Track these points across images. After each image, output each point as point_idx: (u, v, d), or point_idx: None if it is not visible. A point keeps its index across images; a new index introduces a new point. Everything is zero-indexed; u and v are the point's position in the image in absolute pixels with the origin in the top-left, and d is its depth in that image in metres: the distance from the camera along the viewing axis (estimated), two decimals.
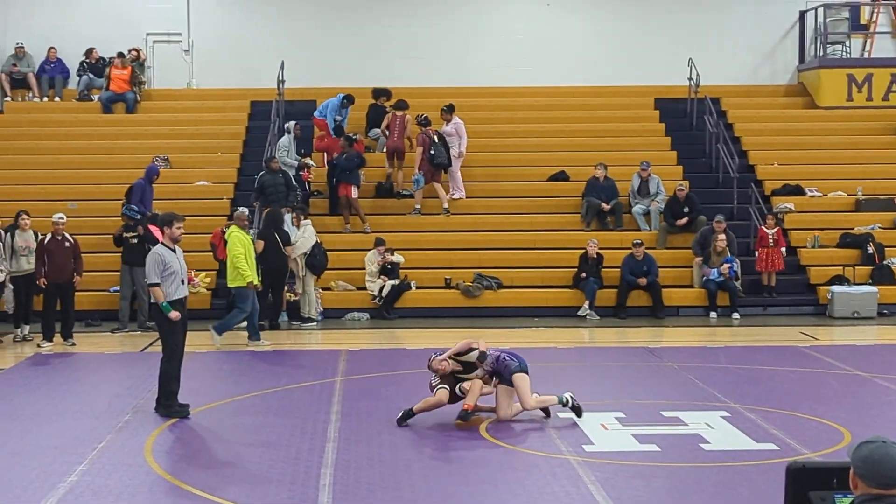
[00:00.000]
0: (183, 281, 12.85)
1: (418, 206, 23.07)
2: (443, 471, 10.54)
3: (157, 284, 12.59)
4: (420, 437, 11.78)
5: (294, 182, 22.11)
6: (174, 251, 12.86)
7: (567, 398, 12.46)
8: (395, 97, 24.89)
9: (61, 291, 18.12)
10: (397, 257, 21.26)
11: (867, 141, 25.87)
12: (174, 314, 12.64)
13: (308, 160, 23.16)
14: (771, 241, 21.58)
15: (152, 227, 19.99)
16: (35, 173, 24.11)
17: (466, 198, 23.68)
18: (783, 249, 21.78)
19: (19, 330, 18.69)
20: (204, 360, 16.79)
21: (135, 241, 19.48)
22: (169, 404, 12.71)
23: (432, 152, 22.82)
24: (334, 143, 23.12)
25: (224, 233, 19.91)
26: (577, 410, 12.34)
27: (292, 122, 23.63)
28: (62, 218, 18.31)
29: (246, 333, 18.22)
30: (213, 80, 27.33)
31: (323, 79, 26.55)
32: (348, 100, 24.41)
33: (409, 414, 12.16)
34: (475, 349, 12.34)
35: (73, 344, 17.97)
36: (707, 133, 25.25)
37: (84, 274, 19.01)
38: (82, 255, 18.79)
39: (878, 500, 4.46)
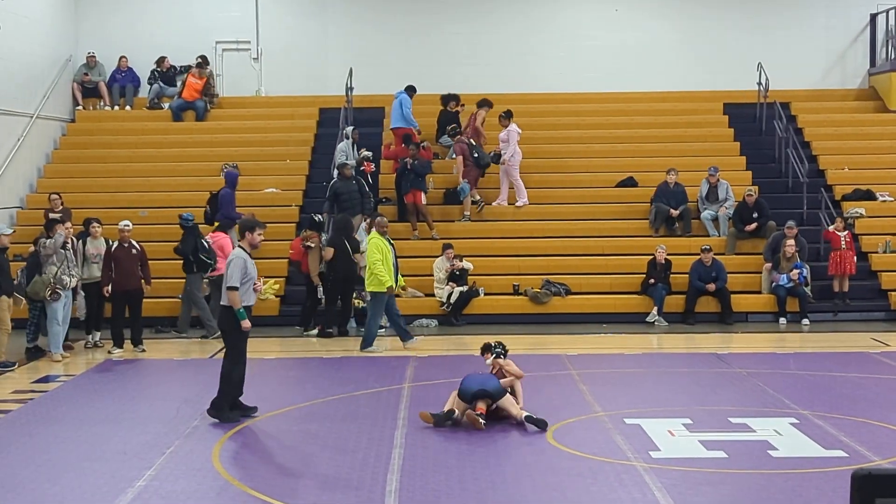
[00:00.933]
0: (255, 288, 12.88)
1: (468, 213, 23.13)
2: (509, 477, 10.52)
3: (235, 289, 12.50)
4: (486, 443, 11.78)
5: (367, 188, 22.21)
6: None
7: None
8: (462, 103, 24.94)
9: (129, 299, 18.33)
10: (466, 264, 21.28)
11: None
12: (246, 324, 12.64)
13: (366, 152, 23.10)
14: (843, 244, 21.33)
15: (219, 234, 20.22)
16: (106, 181, 24.44)
17: (535, 204, 23.65)
18: (854, 256, 21.51)
19: (90, 336, 18.96)
20: (271, 367, 16.91)
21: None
22: (220, 407, 12.71)
23: (475, 155, 22.93)
24: (403, 151, 23.18)
25: (303, 245, 20.12)
26: (539, 423, 12.24)
27: (350, 128, 23.73)
28: (128, 225, 18.51)
29: (316, 339, 18.32)
30: (281, 88, 27.57)
31: (390, 86, 26.60)
32: (411, 90, 24.35)
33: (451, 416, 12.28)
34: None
35: (143, 350, 18.20)
36: (776, 138, 25.03)
37: (153, 281, 19.23)
38: (151, 262, 18.99)
39: None
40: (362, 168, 22.90)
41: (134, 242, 18.45)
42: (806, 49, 27.63)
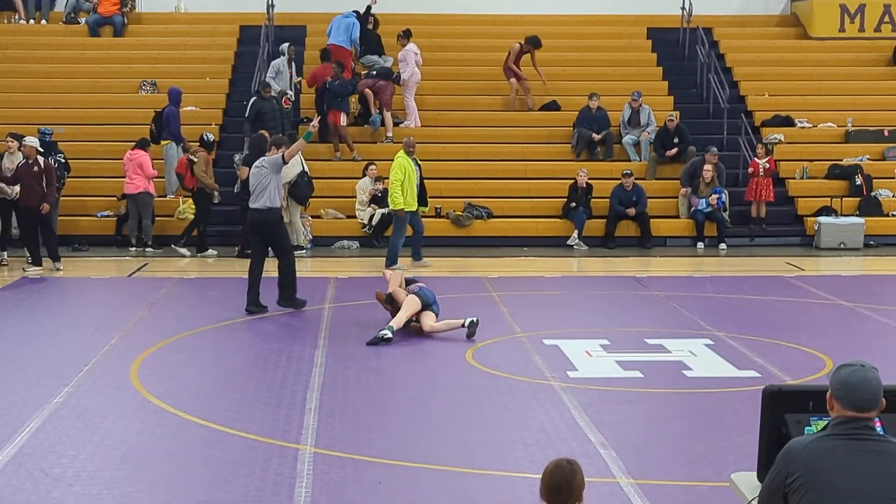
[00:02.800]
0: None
1: (390, 135, 22.96)
2: (428, 394, 10.61)
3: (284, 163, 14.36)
4: (406, 363, 11.84)
5: (283, 109, 22.02)
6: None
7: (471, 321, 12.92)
8: (384, 23, 24.69)
9: (33, 216, 17.87)
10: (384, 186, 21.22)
11: (858, 72, 25.78)
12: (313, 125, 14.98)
13: (288, 93, 22.77)
14: (761, 170, 21.56)
15: (138, 152, 19.94)
16: (20, 97, 23.95)
17: (457, 126, 23.60)
18: (772, 180, 21.76)
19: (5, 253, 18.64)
20: (191, 286, 16.81)
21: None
22: (291, 297, 14.35)
23: (374, 72, 22.98)
24: (326, 70, 22.89)
25: (189, 162, 19.88)
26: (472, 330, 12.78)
27: (286, 44, 23.39)
28: (32, 141, 18.03)
29: (236, 258, 18.20)
30: (201, 4, 27.08)
31: (312, 4, 26.29)
32: (363, 13, 23.98)
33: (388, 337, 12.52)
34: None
35: (60, 269, 17.88)
36: (699, 63, 25.14)
37: (72, 199, 18.99)
38: (68, 179, 18.70)
39: (852, 422, 4.50)
40: (283, 101, 22.60)
41: (40, 160, 17.89)
42: None
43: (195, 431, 9.29)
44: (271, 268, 14.73)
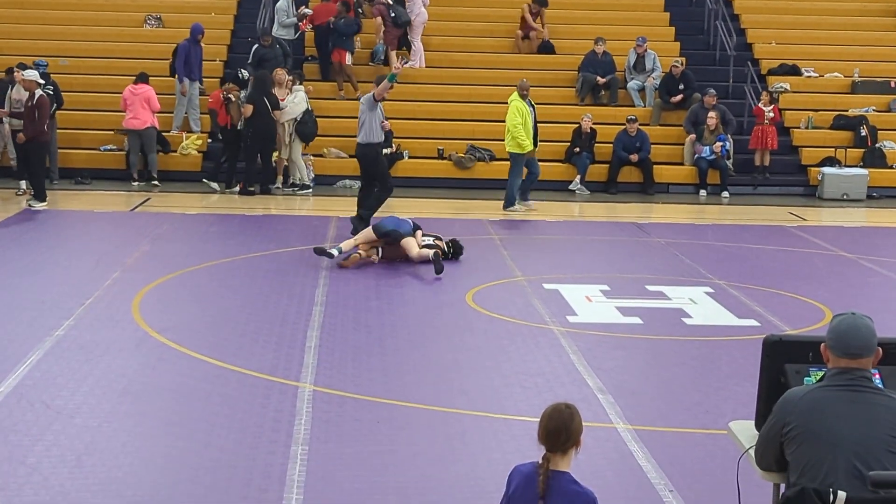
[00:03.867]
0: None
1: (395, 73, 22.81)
2: (428, 336, 10.66)
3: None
4: (406, 303, 11.89)
5: (289, 49, 21.93)
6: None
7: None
8: None
9: (26, 147, 17.81)
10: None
11: (867, 22, 25.61)
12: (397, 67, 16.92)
13: (306, 9, 22.74)
14: (766, 119, 21.48)
15: (142, 86, 19.84)
16: (23, 28, 23.79)
17: (460, 68, 23.49)
18: (776, 129, 21.68)
19: (24, 184, 18.62)
20: (193, 222, 16.82)
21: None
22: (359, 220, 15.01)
23: (393, 15, 22.62)
24: (326, 10, 22.71)
25: (223, 97, 19.84)
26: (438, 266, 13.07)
27: None
28: (32, 74, 17.81)
29: (238, 196, 18.17)
30: None
31: None
32: None
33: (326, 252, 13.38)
34: None
35: (33, 206, 17.38)
36: (706, 9, 24.97)
37: (74, 132, 18.90)
38: (70, 111, 18.59)
39: (847, 372, 4.53)
40: (299, 24, 22.56)
41: (38, 93, 17.65)
42: None
43: (196, 367, 9.34)
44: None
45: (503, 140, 21.76)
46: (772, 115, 21.53)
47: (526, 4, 24.17)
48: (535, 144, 18.87)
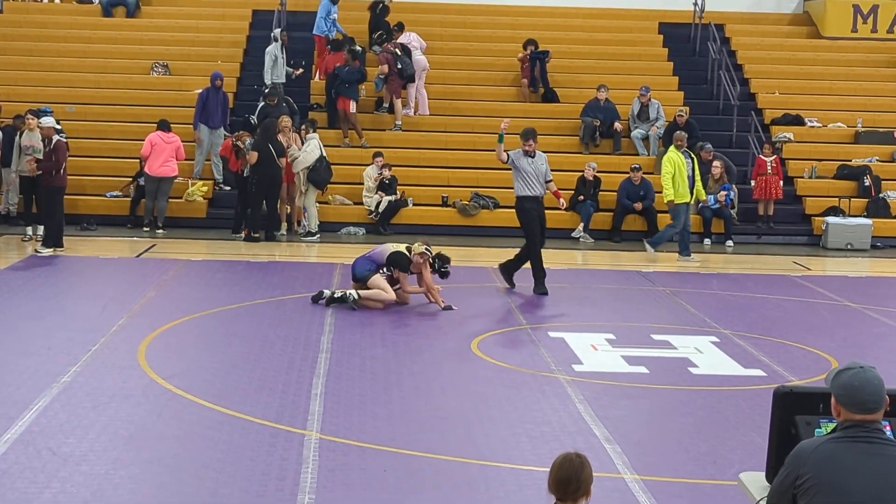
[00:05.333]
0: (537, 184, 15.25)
1: (399, 123, 23.01)
2: (434, 384, 10.64)
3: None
4: (412, 351, 11.88)
5: (295, 106, 22.06)
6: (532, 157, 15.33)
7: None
8: (397, 11, 24.70)
9: (40, 193, 17.93)
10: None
11: (869, 73, 25.76)
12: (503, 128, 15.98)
13: (296, 71, 22.85)
14: (769, 168, 21.54)
15: (175, 136, 19.93)
16: (34, 75, 23.96)
17: (466, 116, 23.60)
18: (781, 181, 21.73)
19: (29, 230, 18.71)
20: (198, 268, 16.84)
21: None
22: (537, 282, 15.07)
23: (399, 66, 22.76)
24: (335, 59, 22.89)
25: (233, 144, 19.98)
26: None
27: (278, 30, 23.37)
28: (49, 121, 17.80)
29: (243, 243, 18.19)
30: None
31: None
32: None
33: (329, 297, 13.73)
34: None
35: (41, 252, 17.42)
36: (710, 59, 25.12)
37: (81, 178, 18.99)
38: (77, 158, 18.70)
39: (860, 426, 4.53)
40: (294, 76, 22.65)
41: (55, 138, 17.74)
42: None
43: (202, 414, 9.33)
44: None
45: (507, 188, 21.86)
46: (774, 165, 21.58)
47: (522, 54, 24.33)
48: (692, 194, 19.11)
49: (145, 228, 19.99)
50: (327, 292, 13.92)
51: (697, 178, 19.40)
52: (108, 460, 8.10)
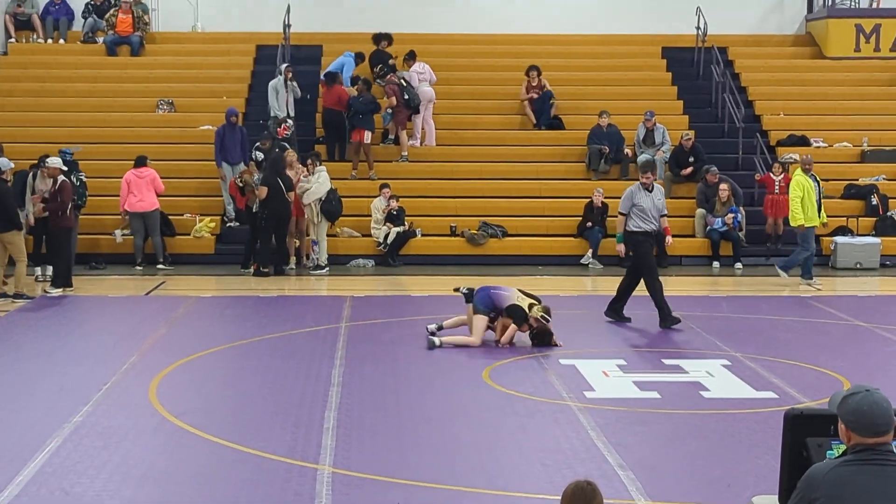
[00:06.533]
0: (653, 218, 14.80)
1: (405, 154, 23.07)
2: (445, 415, 10.62)
3: (623, 215, 14.76)
4: (423, 382, 11.86)
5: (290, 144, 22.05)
6: (649, 192, 14.77)
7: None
8: (400, 42, 24.81)
9: (54, 236, 18.01)
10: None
11: (874, 92, 25.78)
12: (620, 247, 14.95)
13: (289, 119, 22.67)
14: (777, 187, 21.53)
15: (144, 169, 19.99)
16: (40, 115, 24.04)
17: (473, 145, 23.66)
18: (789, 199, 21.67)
19: (40, 270, 18.77)
20: (207, 305, 16.87)
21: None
22: (663, 316, 14.69)
23: (406, 97, 22.85)
24: (332, 93, 22.90)
25: (237, 183, 20.12)
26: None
27: (285, 65, 23.45)
28: (55, 161, 17.81)
29: (252, 278, 18.19)
30: (218, 24, 27.20)
31: (329, 24, 26.45)
32: (360, 57, 24.26)
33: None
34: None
35: (70, 287, 17.64)
36: (714, 83, 25.15)
37: (87, 217, 19.11)
38: (84, 196, 18.89)
39: (871, 449, 4.52)
40: (278, 129, 22.39)
41: (60, 178, 17.75)
42: None
43: (214, 451, 9.32)
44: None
45: (515, 216, 21.89)
46: (783, 184, 21.55)
47: (524, 81, 24.40)
48: (820, 217, 19.09)
49: (137, 267, 19.99)
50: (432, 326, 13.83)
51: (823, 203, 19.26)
52: (122, 499, 8.10)
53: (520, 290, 13.81)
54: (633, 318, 15.73)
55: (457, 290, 14.10)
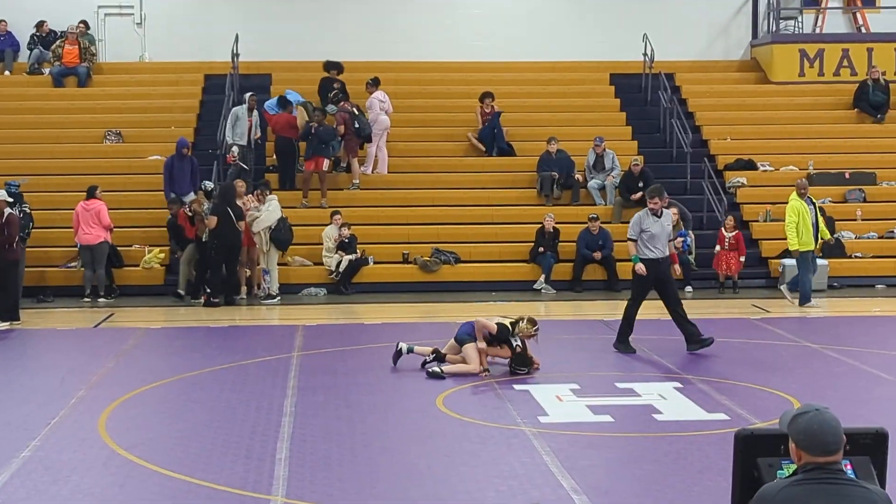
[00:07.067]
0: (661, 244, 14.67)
1: (356, 181, 23.06)
2: (400, 443, 10.58)
3: (632, 240, 14.71)
4: (376, 411, 11.80)
5: (244, 165, 21.99)
6: (658, 217, 14.68)
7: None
8: (351, 70, 24.83)
9: None
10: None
11: (819, 116, 26.08)
12: (639, 266, 14.66)
13: (235, 146, 22.53)
14: (727, 243, 21.48)
15: (94, 201, 19.86)
16: None
17: (424, 172, 23.70)
18: (741, 257, 21.55)
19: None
20: (157, 336, 16.74)
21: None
22: (621, 341, 14.67)
23: (357, 126, 22.85)
24: (280, 119, 22.86)
25: (185, 213, 20.02)
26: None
27: (249, 94, 23.37)
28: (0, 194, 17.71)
29: (203, 308, 18.08)
30: (166, 54, 27.09)
31: (277, 52, 26.45)
32: (282, 102, 23.68)
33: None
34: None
35: (17, 321, 17.40)
36: (661, 108, 25.36)
37: (34, 250, 18.93)
38: (28, 228, 18.77)
39: (821, 468, 4.54)
40: (227, 155, 22.26)
41: (6, 211, 17.46)
42: (690, 20, 27.98)
43: (165, 484, 9.22)
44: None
45: (467, 242, 21.92)
46: (733, 241, 21.46)
47: (478, 107, 24.53)
48: (816, 241, 19.21)
49: (86, 299, 19.83)
50: (404, 346, 13.72)
51: (821, 222, 19.40)
52: None
53: (502, 317, 13.95)
54: (586, 342, 15.78)
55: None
